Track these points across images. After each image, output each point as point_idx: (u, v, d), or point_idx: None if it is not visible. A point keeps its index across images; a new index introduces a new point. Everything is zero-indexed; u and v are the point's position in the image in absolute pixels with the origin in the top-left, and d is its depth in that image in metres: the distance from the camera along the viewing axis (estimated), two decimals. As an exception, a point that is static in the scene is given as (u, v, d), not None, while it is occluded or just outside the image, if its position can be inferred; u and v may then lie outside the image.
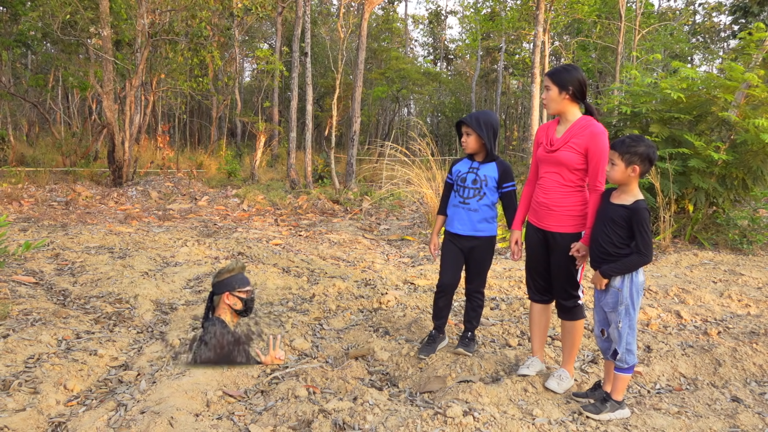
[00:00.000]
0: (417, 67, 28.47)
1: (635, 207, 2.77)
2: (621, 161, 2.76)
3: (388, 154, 10.60)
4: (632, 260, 2.78)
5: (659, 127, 7.54)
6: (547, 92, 3.13)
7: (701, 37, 30.50)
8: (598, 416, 2.84)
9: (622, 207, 2.81)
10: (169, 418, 2.68)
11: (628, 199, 2.81)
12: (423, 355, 3.54)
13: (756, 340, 3.87)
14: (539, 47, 12.10)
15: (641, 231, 2.74)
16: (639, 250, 2.77)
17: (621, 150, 2.76)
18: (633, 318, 2.83)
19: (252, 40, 23.81)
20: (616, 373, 2.88)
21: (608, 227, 2.84)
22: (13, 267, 5.36)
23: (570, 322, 3.22)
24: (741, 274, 5.99)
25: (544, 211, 3.16)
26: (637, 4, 17.55)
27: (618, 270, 2.80)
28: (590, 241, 2.96)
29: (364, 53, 12.83)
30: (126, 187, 11.29)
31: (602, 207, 2.93)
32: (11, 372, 3.19)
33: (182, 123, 23.74)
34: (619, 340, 2.83)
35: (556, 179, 3.12)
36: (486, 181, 3.47)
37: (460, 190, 3.52)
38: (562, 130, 3.14)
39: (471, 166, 3.52)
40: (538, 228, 3.22)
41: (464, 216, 3.50)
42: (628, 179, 2.79)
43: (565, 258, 3.12)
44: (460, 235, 3.53)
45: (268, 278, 5.43)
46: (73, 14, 11.86)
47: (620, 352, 2.83)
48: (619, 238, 2.81)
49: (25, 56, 19.43)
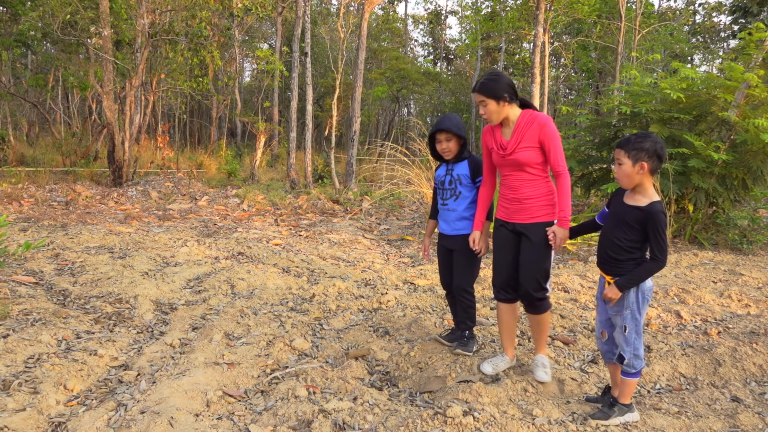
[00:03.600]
0: (417, 67, 28.47)
1: (650, 209, 2.63)
2: (627, 159, 2.63)
3: (388, 154, 10.61)
4: (647, 268, 2.67)
5: (659, 127, 7.54)
6: (485, 107, 3.11)
7: (701, 37, 30.51)
8: (607, 422, 2.79)
9: (636, 209, 2.68)
10: (169, 418, 2.69)
11: (643, 200, 2.68)
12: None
13: (756, 340, 3.87)
14: (539, 47, 12.09)
15: (657, 235, 2.61)
16: (654, 255, 2.64)
17: (627, 147, 2.64)
18: (639, 323, 2.75)
19: (252, 40, 23.81)
20: (624, 378, 2.83)
21: (621, 229, 2.72)
22: (13, 267, 5.36)
23: (539, 315, 3.25)
24: (741, 274, 5.99)
25: (515, 207, 3.17)
26: (637, 4, 17.53)
27: (634, 282, 2.69)
28: (600, 241, 2.87)
29: (364, 53, 12.82)
30: (126, 187, 11.29)
31: (614, 207, 2.82)
32: (11, 372, 3.19)
33: (182, 123, 23.74)
34: (625, 345, 2.76)
35: (520, 177, 3.15)
36: (459, 179, 3.53)
37: (440, 193, 3.62)
38: (509, 132, 3.16)
39: (447, 168, 3.61)
40: (509, 223, 3.21)
41: (446, 216, 3.60)
42: (638, 178, 2.66)
43: (539, 248, 3.13)
44: (446, 236, 3.62)
45: (268, 278, 5.43)
46: (73, 14, 11.86)
47: (627, 357, 2.76)
48: (631, 242, 2.70)
49: (25, 56, 19.42)
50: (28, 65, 19.53)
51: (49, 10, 11.86)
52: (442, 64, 35.49)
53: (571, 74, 25.49)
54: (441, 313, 4.56)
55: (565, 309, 4.59)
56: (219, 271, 5.63)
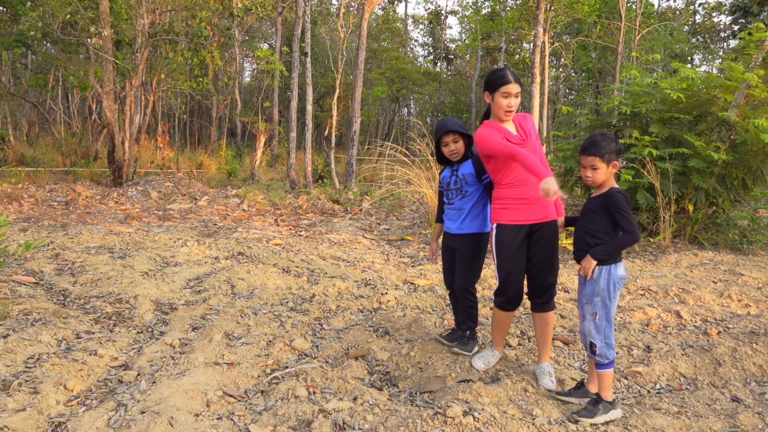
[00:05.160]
0: (417, 67, 28.47)
1: (609, 192, 2.85)
2: (602, 163, 2.83)
3: (388, 154, 10.61)
4: (620, 239, 2.83)
5: (659, 127, 7.54)
6: (517, 99, 3.18)
7: (701, 37, 30.52)
8: (593, 420, 2.82)
9: (598, 197, 2.90)
10: (169, 418, 2.69)
11: (605, 189, 2.90)
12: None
13: (756, 340, 3.87)
14: (539, 47, 12.09)
15: (621, 213, 2.79)
16: (624, 228, 2.81)
17: (600, 153, 2.82)
18: (610, 310, 2.85)
19: (252, 40, 23.82)
20: (599, 371, 2.89)
21: (588, 219, 2.92)
22: (13, 267, 5.36)
23: (547, 313, 3.28)
24: (741, 274, 5.99)
25: (534, 206, 3.15)
26: (637, 4, 17.54)
27: (607, 251, 2.82)
28: (574, 236, 3.02)
29: (364, 53, 12.82)
30: (126, 187, 11.29)
31: (584, 206, 3.03)
32: (11, 372, 3.19)
33: (182, 123, 23.75)
34: (596, 333, 2.85)
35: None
36: (465, 179, 3.54)
37: (447, 194, 3.63)
38: (512, 128, 3.26)
39: (452, 170, 3.63)
40: (523, 225, 3.16)
41: (452, 215, 3.60)
42: (609, 175, 2.88)
43: (554, 244, 3.21)
44: (451, 235, 3.62)
45: (268, 278, 5.43)
46: (73, 14, 11.86)
47: (598, 345, 2.84)
48: (599, 227, 2.86)
49: (25, 56, 19.43)
50: (28, 65, 19.53)
51: (49, 10, 11.86)
52: (442, 64, 35.50)
53: (571, 74, 25.50)
54: (441, 313, 4.56)
55: (565, 309, 4.59)
56: (219, 271, 5.63)
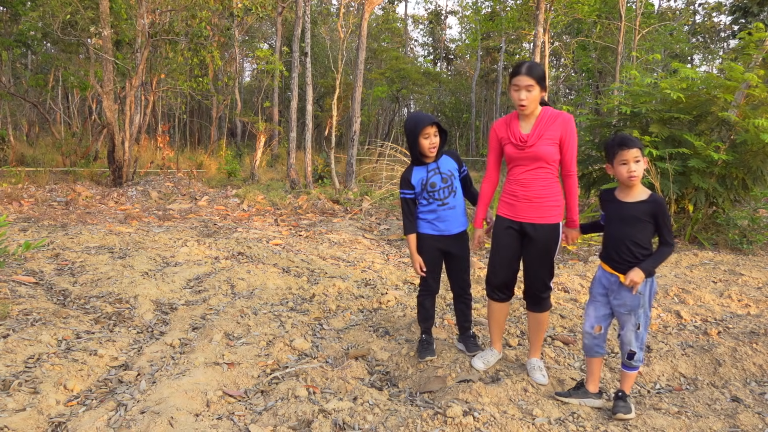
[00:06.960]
0: (417, 67, 28.48)
1: (656, 199, 2.77)
2: (641, 155, 2.78)
3: (388, 154, 10.61)
4: (664, 252, 2.77)
5: (659, 127, 7.54)
6: (529, 93, 2.98)
7: (701, 37, 30.52)
8: (629, 415, 2.85)
9: (641, 203, 2.78)
10: (169, 418, 2.69)
11: (641, 194, 2.80)
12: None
13: (756, 340, 3.87)
14: (539, 47, 12.10)
15: (667, 221, 2.76)
16: (667, 241, 2.76)
17: (639, 145, 2.77)
18: (649, 319, 2.89)
19: (252, 40, 23.83)
20: (629, 372, 2.93)
21: (636, 227, 2.78)
22: (13, 267, 5.36)
23: (542, 313, 3.27)
24: (741, 274, 5.99)
25: (524, 204, 3.11)
26: (637, 4, 17.54)
27: (657, 265, 2.78)
28: (613, 244, 2.85)
29: (364, 53, 12.82)
30: (126, 187, 11.29)
31: (616, 209, 2.86)
32: (11, 372, 3.19)
33: (182, 123, 23.75)
34: (636, 342, 2.86)
35: (534, 174, 3.08)
36: (453, 174, 3.41)
37: (435, 195, 3.38)
38: (529, 126, 3.07)
39: (430, 169, 3.39)
40: (514, 221, 3.15)
41: (447, 216, 3.41)
42: None
43: (548, 249, 3.13)
44: (451, 236, 3.44)
45: (268, 278, 5.43)
46: (73, 14, 11.87)
47: (638, 353, 2.87)
48: (645, 236, 2.78)
49: (25, 56, 19.43)
50: (28, 65, 19.53)
51: (49, 10, 11.88)
52: (442, 64, 35.51)
53: (571, 74, 25.50)
54: (440, 313, 4.56)
55: (565, 309, 4.59)
56: (219, 271, 5.63)
